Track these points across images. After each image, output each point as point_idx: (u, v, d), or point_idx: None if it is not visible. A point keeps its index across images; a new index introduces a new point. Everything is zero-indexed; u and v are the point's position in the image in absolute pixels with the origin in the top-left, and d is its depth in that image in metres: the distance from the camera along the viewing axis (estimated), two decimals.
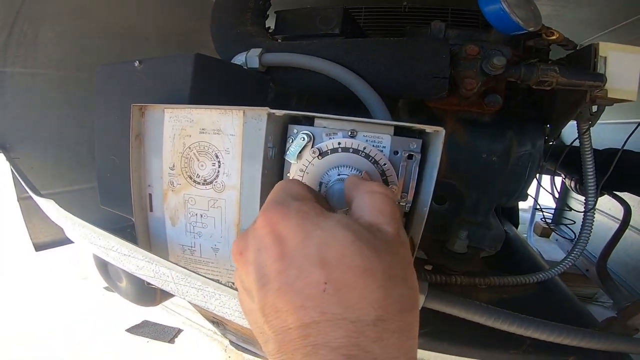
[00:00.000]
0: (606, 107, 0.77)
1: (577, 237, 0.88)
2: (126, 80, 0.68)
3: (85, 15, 1.11)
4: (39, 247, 1.08)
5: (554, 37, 0.77)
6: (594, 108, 0.80)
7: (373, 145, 0.54)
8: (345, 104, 0.80)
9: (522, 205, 1.53)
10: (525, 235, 2.10)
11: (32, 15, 0.99)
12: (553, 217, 2.04)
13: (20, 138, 1.01)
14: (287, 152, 0.56)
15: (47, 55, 1.06)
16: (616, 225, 1.17)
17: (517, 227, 1.38)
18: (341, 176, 0.52)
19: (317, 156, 0.54)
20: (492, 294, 0.82)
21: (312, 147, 0.54)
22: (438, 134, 0.50)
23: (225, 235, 0.62)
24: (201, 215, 0.62)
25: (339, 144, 0.53)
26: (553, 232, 2.02)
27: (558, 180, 1.66)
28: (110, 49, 1.21)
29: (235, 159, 0.58)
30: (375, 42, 0.77)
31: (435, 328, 0.64)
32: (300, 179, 0.56)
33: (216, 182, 0.60)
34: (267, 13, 1.01)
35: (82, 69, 1.12)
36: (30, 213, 1.05)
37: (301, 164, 0.55)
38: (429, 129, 0.50)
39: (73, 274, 1.29)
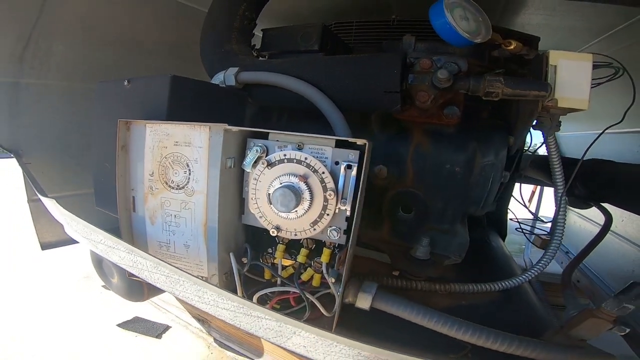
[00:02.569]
0: (570, 115, 0.84)
1: (547, 245, 0.94)
2: (117, 97, 0.84)
3: (93, 29, 1.29)
4: (45, 246, 1.26)
5: (511, 47, 0.86)
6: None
7: (316, 157, 0.65)
8: (319, 118, 0.92)
9: (521, 217, 1.58)
10: (524, 246, 2.12)
11: (46, 29, 1.17)
12: (551, 228, 2.04)
13: (32, 145, 1.20)
14: (244, 162, 0.69)
15: (58, 67, 1.25)
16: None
17: (504, 238, 1.43)
18: (282, 183, 0.64)
19: (267, 166, 0.67)
20: (452, 300, 0.90)
21: (265, 158, 0.67)
22: (366, 146, 0.61)
23: (195, 233, 0.76)
24: (175, 216, 0.76)
25: (285, 155, 0.66)
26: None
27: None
28: (116, 61, 1.40)
29: (202, 167, 0.72)
30: (338, 59, 0.89)
31: (380, 331, 0.73)
32: (254, 186, 0.68)
33: (187, 187, 0.74)
34: (254, 32, 1.16)
35: (88, 80, 1.31)
36: (39, 214, 1.24)
37: (254, 173, 0.68)
38: (359, 141, 0.62)
39: (76, 273, 1.47)
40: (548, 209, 2.01)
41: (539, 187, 2.03)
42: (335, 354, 0.55)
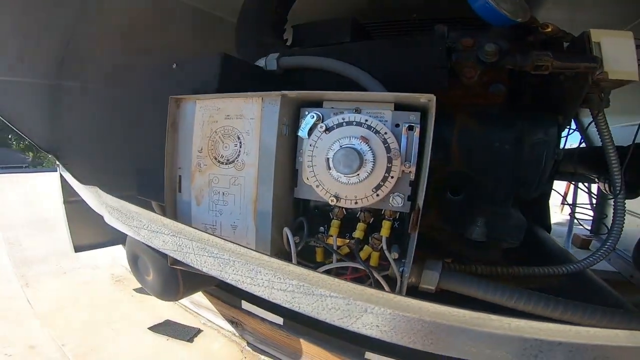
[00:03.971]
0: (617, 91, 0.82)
1: (609, 228, 0.88)
2: (166, 80, 0.85)
3: (130, 35, 1.35)
4: (78, 249, 1.23)
5: (549, 30, 0.86)
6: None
7: (374, 119, 0.63)
8: None
9: (558, 218, 1.51)
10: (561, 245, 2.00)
11: (86, 33, 1.22)
12: (592, 227, 1.95)
13: (71, 146, 1.21)
14: (300, 130, 0.67)
15: (98, 72, 1.29)
16: None
17: (549, 232, 1.36)
18: (343, 145, 0.61)
19: (325, 131, 0.65)
20: (517, 285, 0.83)
21: (320, 125, 0.65)
22: (430, 101, 0.59)
23: (244, 212, 0.73)
24: (223, 194, 0.74)
25: (343, 118, 0.64)
26: (593, 242, 1.91)
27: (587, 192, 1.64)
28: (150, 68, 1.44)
29: (254, 138, 0.70)
30: (380, 42, 0.90)
31: None
32: (310, 153, 0.66)
33: (237, 160, 0.72)
34: (285, 27, 1.19)
35: (125, 85, 1.34)
36: (74, 216, 1.23)
37: (311, 139, 0.66)
38: (422, 97, 0.60)
39: (107, 276, 1.43)
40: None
41: (572, 189, 1.97)
42: (419, 332, 0.48)
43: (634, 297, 0.98)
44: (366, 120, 0.63)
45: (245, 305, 1.07)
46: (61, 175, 1.16)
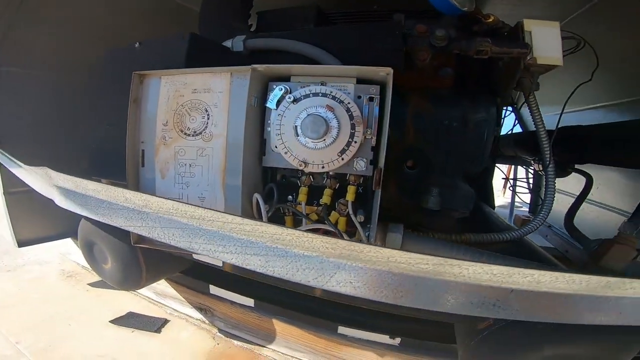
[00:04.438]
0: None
1: (543, 200, 1.02)
2: (127, 60, 0.84)
3: (80, 20, 1.28)
4: (22, 243, 1.13)
5: (490, 20, 0.98)
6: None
7: (339, 91, 0.69)
8: None
9: (501, 201, 1.69)
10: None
11: (30, 17, 1.14)
12: (530, 207, 2.22)
13: (13, 135, 1.11)
14: (268, 101, 0.71)
15: (41, 57, 1.20)
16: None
17: (493, 209, 1.52)
18: (310, 113, 0.66)
19: (292, 102, 0.69)
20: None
21: (290, 94, 0.69)
22: (388, 74, 0.65)
23: (212, 182, 0.74)
24: (190, 165, 0.74)
25: (310, 90, 0.68)
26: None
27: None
28: (101, 54, 1.38)
29: (222, 110, 0.72)
30: (342, 27, 0.97)
31: None
32: (278, 122, 0.69)
33: (205, 132, 0.73)
34: (249, 13, 1.22)
35: (74, 71, 1.27)
36: (16, 208, 1.12)
37: (279, 110, 0.70)
38: (381, 70, 0.66)
39: (57, 272, 1.31)
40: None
41: (511, 174, 2.21)
42: (390, 285, 0.50)
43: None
44: (331, 92, 0.68)
45: (214, 289, 1.06)
46: (0, 164, 1.06)
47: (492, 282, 0.49)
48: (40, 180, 0.87)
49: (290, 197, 0.76)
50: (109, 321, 1.05)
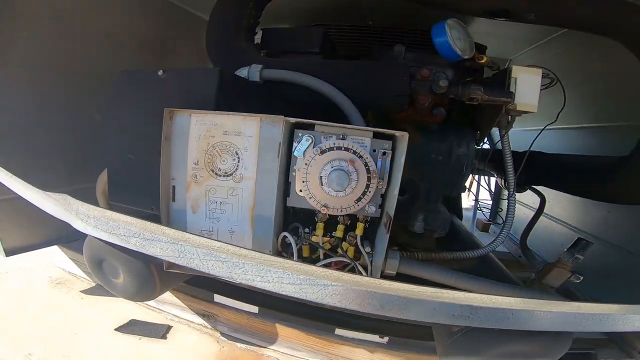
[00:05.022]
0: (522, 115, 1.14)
1: (504, 220, 1.25)
2: (148, 87, 0.86)
3: (63, 19, 1.21)
4: (10, 252, 1.12)
5: (483, 61, 1.13)
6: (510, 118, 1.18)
7: (358, 145, 0.81)
8: (328, 114, 1.06)
9: (465, 204, 1.95)
10: (468, 229, 2.61)
11: (9, 15, 1.07)
12: (490, 213, 2.57)
13: None
14: (295, 150, 0.80)
15: (21, 57, 1.14)
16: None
17: (461, 218, 1.78)
18: (334, 167, 0.78)
19: (319, 153, 0.79)
20: (446, 266, 1.14)
21: (313, 147, 0.79)
22: (403, 137, 0.78)
23: (241, 218, 0.83)
24: (220, 203, 0.82)
25: (334, 144, 0.79)
26: (491, 226, 2.54)
27: (489, 183, 2.16)
28: (85, 53, 1.32)
29: (252, 155, 0.80)
30: (353, 64, 1.05)
31: None
32: (305, 171, 0.80)
33: (235, 174, 0.81)
34: (256, 31, 1.24)
35: (57, 72, 1.21)
36: (2, 216, 1.10)
37: (306, 159, 0.80)
38: (397, 133, 0.79)
39: (45, 279, 1.29)
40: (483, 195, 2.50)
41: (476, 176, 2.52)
42: (400, 305, 0.66)
43: (522, 273, 1.39)
44: (352, 146, 0.80)
45: (218, 298, 1.17)
46: None
47: (468, 302, 0.68)
48: (56, 206, 0.88)
49: (307, 229, 0.89)
50: (115, 329, 1.11)
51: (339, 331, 1.11)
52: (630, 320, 0.67)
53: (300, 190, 0.82)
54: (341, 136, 0.81)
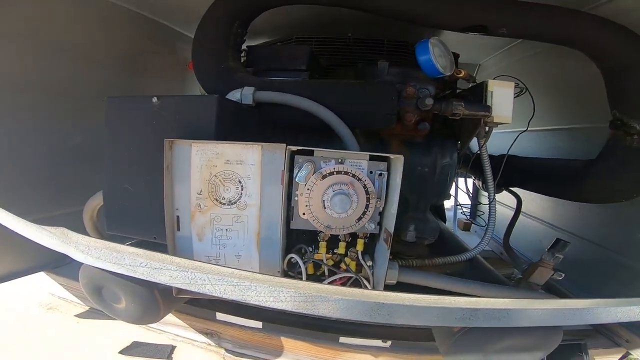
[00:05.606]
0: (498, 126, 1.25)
1: (486, 224, 1.35)
2: (142, 114, 0.87)
3: (37, 35, 1.18)
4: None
5: (461, 75, 1.22)
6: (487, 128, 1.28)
7: (356, 168, 0.86)
8: (318, 133, 1.11)
9: (446, 205, 2.07)
10: (452, 230, 2.76)
11: None
12: (470, 212, 2.73)
13: None
14: (297, 176, 0.85)
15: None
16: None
17: (444, 221, 1.90)
18: (336, 191, 0.83)
19: (320, 178, 0.84)
20: (439, 271, 1.23)
21: (314, 172, 0.84)
22: (398, 160, 0.85)
23: (247, 243, 0.87)
24: (226, 230, 0.86)
25: (334, 169, 0.84)
26: (472, 225, 2.70)
27: (470, 183, 2.30)
28: (61, 69, 1.29)
29: (255, 183, 0.84)
30: (342, 84, 1.10)
31: None
32: (307, 195, 0.85)
33: (239, 202, 0.84)
34: (242, 49, 1.27)
35: (31, 89, 1.18)
36: None
37: (308, 185, 0.85)
38: (392, 156, 0.85)
39: (36, 306, 1.25)
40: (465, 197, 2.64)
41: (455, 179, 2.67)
42: (409, 313, 0.73)
43: (504, 270, 1.50)
44: (351, 171, 0.85)
45: (220, 316, 1.20)
46: None
47: (468, 305, 0.75)
48: (53, 239, 0.88)
49: (310, 248, 0.94)
50: (118, 352, 1.11)
51: (343, 339, 1.17)
52: (612, 312, 0.77)
53: (304, 214, 0.87)
54: (339, 160, 0.87)
